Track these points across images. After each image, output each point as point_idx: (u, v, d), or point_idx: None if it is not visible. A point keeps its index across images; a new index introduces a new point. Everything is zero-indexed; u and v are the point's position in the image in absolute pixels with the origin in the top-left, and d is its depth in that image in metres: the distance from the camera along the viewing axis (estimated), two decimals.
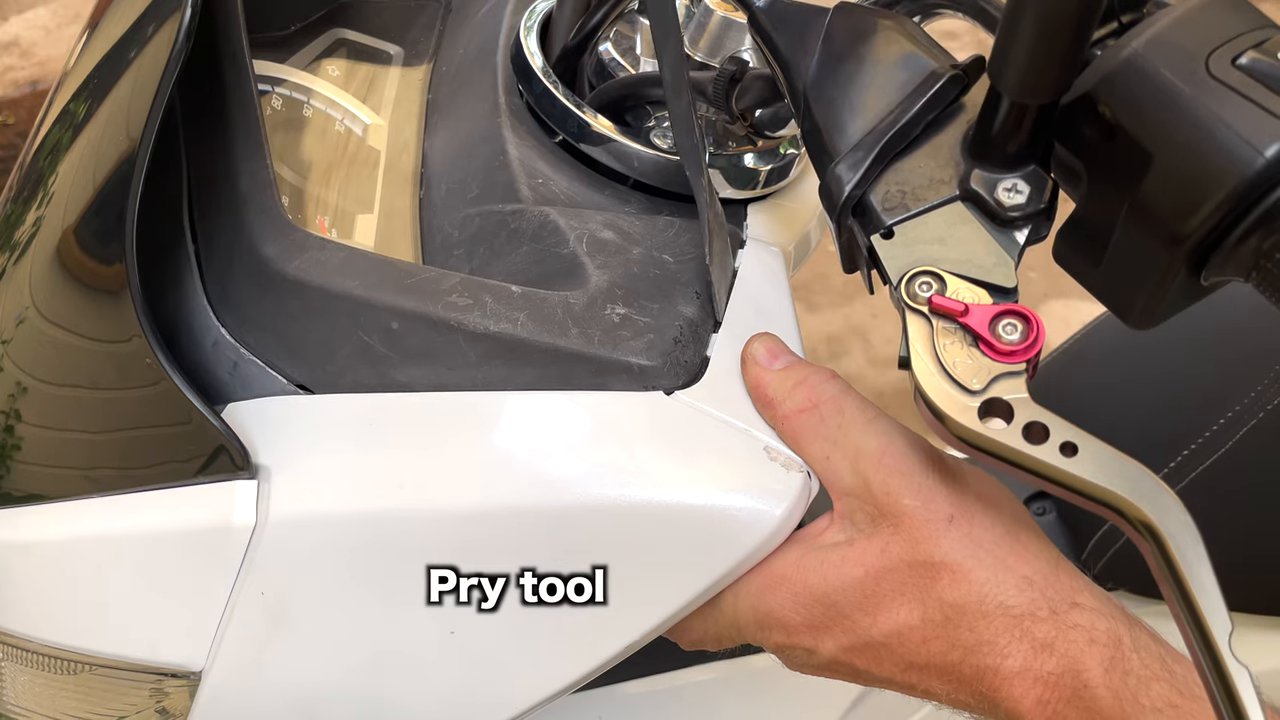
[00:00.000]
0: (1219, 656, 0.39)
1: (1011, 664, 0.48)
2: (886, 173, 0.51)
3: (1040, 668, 0.47)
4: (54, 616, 0.56)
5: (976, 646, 0.48)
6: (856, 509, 0.51)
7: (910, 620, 0.50)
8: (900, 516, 0.50)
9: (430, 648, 0.53)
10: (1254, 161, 0.41)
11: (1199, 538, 0.41)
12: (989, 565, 0.49)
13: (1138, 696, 0.46)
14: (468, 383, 0.53)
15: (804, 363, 0.55)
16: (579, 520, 0.51)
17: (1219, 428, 0.87)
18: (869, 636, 0.51)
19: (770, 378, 0.54)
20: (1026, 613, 0.48)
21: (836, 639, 0.51)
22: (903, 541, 0.50)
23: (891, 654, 0.51)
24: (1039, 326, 0.46)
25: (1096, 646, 0.47)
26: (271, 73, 0.71)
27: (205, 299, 0.57)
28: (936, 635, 0.49)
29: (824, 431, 0.52)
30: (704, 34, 0.67)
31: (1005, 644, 0.48)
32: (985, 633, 0.48)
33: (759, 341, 0.55)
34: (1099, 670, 0.47)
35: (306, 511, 0.52)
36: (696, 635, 0.56)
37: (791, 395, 0.53)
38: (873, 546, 0.50)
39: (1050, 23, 0.42)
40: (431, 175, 0.67)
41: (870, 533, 0.51)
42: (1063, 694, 0.47)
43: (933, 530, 0.50)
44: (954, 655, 0.49)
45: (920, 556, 0.49)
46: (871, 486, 0.51)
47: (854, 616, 0.51)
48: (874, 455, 0.51)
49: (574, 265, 0.56)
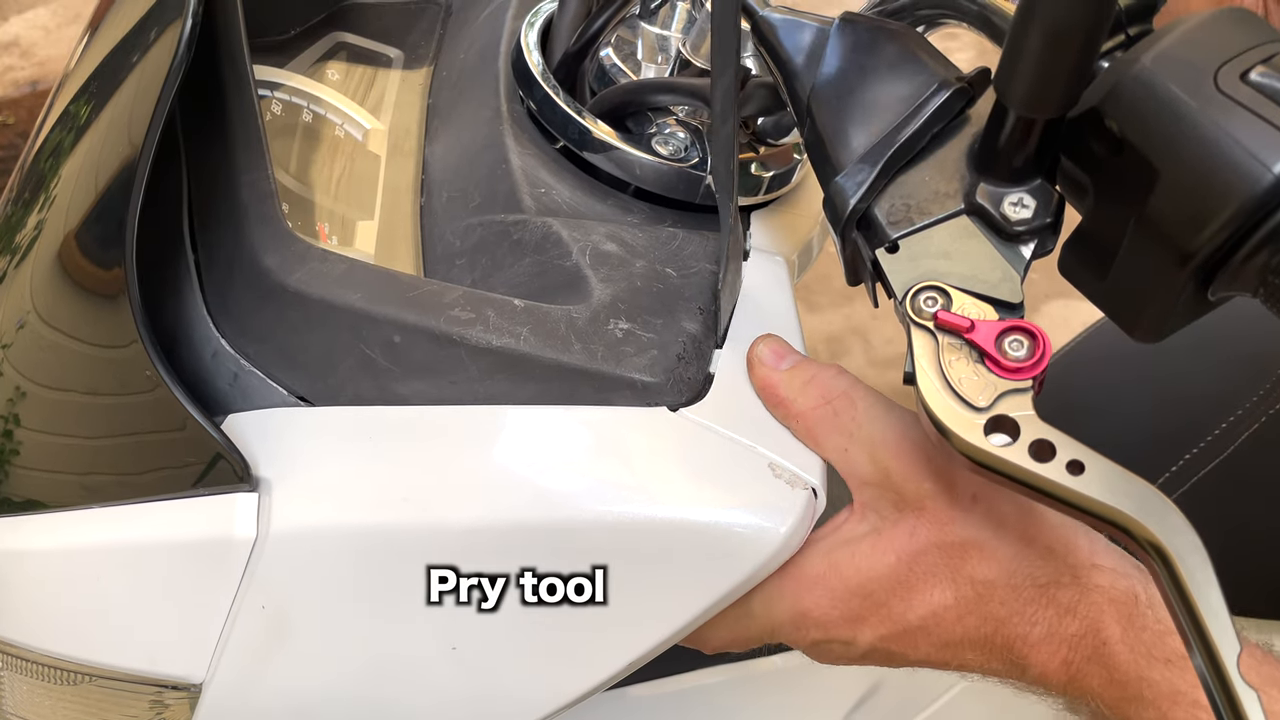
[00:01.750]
0: (1227, 679, 0.39)
1: (1039, 631, 0.50)
2: (891, 186, 0.51)
3: (1065, 631, 0.49)
4: (54, 626, 0.55)
5: (1007, 618, 0.50)
6: (879, 498, 0.52)
7: (945, 600, 0.51)
8: (924, 500, 0.51)
9: (432, 662, 0.53)
10: (1262, 178, 0.41)
11: (1207, 558, 0.41)
12: (1013, 540, 0.51)
13: (1151, 650, 0.48)
14: (470, 397, 0.53)
15: (811, 360, 0.55)
16: (581, 536, 0.51)
17: (1220, 432, 0.87)
18: (906, 621, 0.52)
19: (779, 377, 0.54)
20: (1051, 580, 0.50)
21: (874, 628, 0.52)
22: (929, 524, 0.51)
23: (928, 635, 0.52)
24: (1045, 343, 0.46)
25: (1115, 605, 0.49)
26: (271, 77, 0.70)
27: (205, 309, 0.56)
28: (970, 612, 0.51)
29: (839, 425, 0.53)
30: (706, 40, 0.67)
31: (1033, 612, 0.50)
32: (1015, 604, 0.50)
33: (764, 343, 0.56)
34: (1117, 628, 0.49)
35: (308, 524, 0.52)
36: (723, 640, 0.56)
37: (803, 393, 0.54)
38: (900, 532, 0.52)
39: (1057, 36, 0.42)
40: (432, 182, 0.67)
41: (896, 519, 0.52)
42: (1085, 653, 0.49)
43: (957, 510, 0.51)
44: (987, 629, 0.51)
45: (948, 537, 0.51)
46: (892, 475, 0.52)
47: (890, 604, 0.52)
48: (891, 444, 0.52)
49: (577, 278, 0.56)
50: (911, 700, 0.82)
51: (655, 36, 0.70)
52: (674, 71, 0.69)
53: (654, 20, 0.71)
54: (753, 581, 0.52)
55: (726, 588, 0.51)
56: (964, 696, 0.81)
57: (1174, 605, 0.41)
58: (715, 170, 0.56)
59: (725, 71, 0.53)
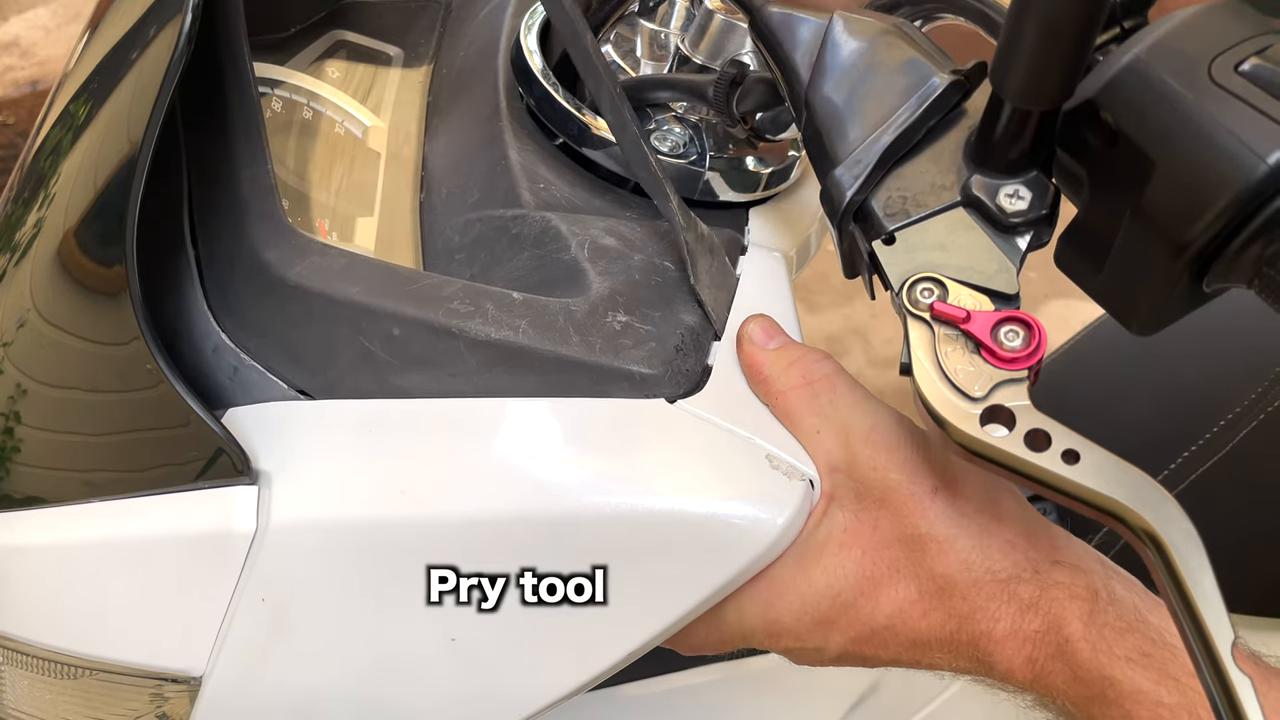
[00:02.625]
0: (1221, 666, 0.39)
1: (1001, 627, 0.50)
2: (888, 178, 0.51)
3: (1027, 627, 0.49)
4: (54, 621, 0.56)
5: (970, 614, 0.50)
6: (842, 485, 0.53)
7: (908, 596, 0.51)
8: (886, 491, 0.52)
9: (432, 654, 0.53)
10: (1257, 168, 0.41)
11: (1201, 546, 0.41)
12: (973, 533, 0.51)
13: (1113, 647, 0.48)
14: (469, 390, 0.53)
15: (798, 343, 0.56)
16: (580, 528, 0.51)
17: (1219, 429, 0.87)
18: (874, 622, 0.52)
19: (765, 356, 0.55)
20: (1012, 576, 0.50)
21: (843, 631, 0.52)
22: (890, 516, 0.51)
23: (895, 635, 0.52)
24: (1041, 333, 0.46)
25: (1076, 601, 0.49)
26: (271, 74, 0.70)
27: (205, 304, 0.56)
28: (933, 608, 0.51)
29: (815, 407, 0.53)
30: (705, 37, 0.67)
31: (995, 609, 0.50)
32: (976, 599, 0.50)
33: (755, 322, 0.56)
34: (1078, 624, 0.48)
35: (307, 517, 0.52)
36: (698, 642, 0.56)
37: (786, 373, 0.54)
38: (863, 525, 0.52)
39: (1053, 28, 0.42)
40: (432, 178, 0.67)
41: (857, 510, 0.52)
42: (1047, 650, 0.49)
43: (918, 503, 0.51)
44: (950, 626, 0.51)
45: (908, 530, 0.51)
46: (859, 461, 0.52)
47: (857, 604, 0.52)
48: (862, 431, 0.52)
49: (575, 272, 0.56)
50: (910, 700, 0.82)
51: (654, 33, 0.71)
52: (673, 68, 0.70)
53: (653, 17, 0.71)
54: (750, 573, 0.52)
55: (723, 579, 0.51)
56: (961, 696, 0.81)
57: (1168, 593, 0.41)
58: (639, 177, 0.57)
59: (600, 86, 0.55)
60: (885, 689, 0.82)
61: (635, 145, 0.56)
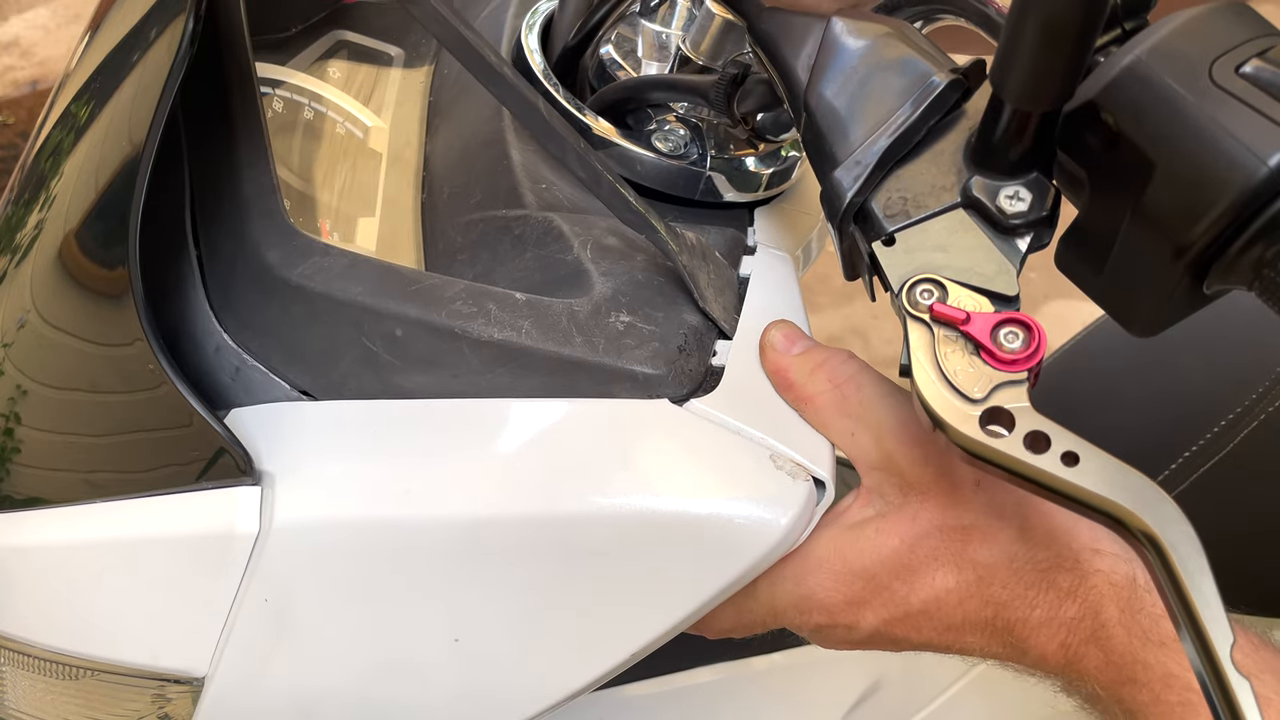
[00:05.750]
0: (1220, 669, 0.39)
1: (1039, 614, 0.50)
2: (888, 180, 0.51)
3: (1064, 614, 0.50)
4: (56, 621, 0.56)
5: (1008, 601, 0.50)
6: (884, 482, 0.53)
7: (947, 584, 0.51)
8: (928, 484, 0.52)
9: (435, 654, 0.53)
10: (1257, 170, 0.41)
11: (1201, 549, 0.41)
12: (1015, 524, 0.51)
13: (1148, 634, 0.48)
14: (472, 390, 0.53)
15: (821, 346, 0.56)
16: (583, 528, 0.51)
17: (1219, 430, 0.87)
18: (909, 605, 0.52)
19: (790, 362, 0.55)
20: (1052, 565, 0.50)
21: (877, 612, 0.53)
22: (932, 508, 0.52)
23: (930, 619, 0.52)
24: (1040, 335, 0.46)
25: (1113, 589, 0.49)
26: (272, 75, 0.70)
27: (208, 304, 0.56)
28: (972, 595, 0.51)
29: (847, 409, 0.53)
30: (706, 37, 0.67)
31: (1034, 596, 0.50)
32: (1016, 587, 0.50)
33: (776, 328, 0.56)
34: (1114, 611, 0.49)
35: (310, 518, 0.52)
36: (728, 624, 0.57)
37: (812, 378, 0.54)
38: (904, 516, 0.52)
39: (1053, 29, 0.42)
40: (434, 178, 0.67)
41: (900, 504, 0.52)
42: (1082, 635, 0.49)
43: (960, 495, 0.51)
44: (988, 612, 0.51)
45: (950, 521, 0.51)
46: (897, 459, 0.52)
47: (893, 587, 0.52)
48: (897, 429, 0.52)
49: (578, 272, 0.56)
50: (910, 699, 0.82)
51: (655, 34, 0.71)
52: (674, 68, 0.70)
53: (654, 18, 0.71)
54: (753, 574, 0.52)
55: (727, 580, 0.51)
56: (963, 695, 0.81)
57: (1167, 596, 0.41)
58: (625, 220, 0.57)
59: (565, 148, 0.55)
60: (885, 689, 0.82)
61: (614, 193, 0.56)
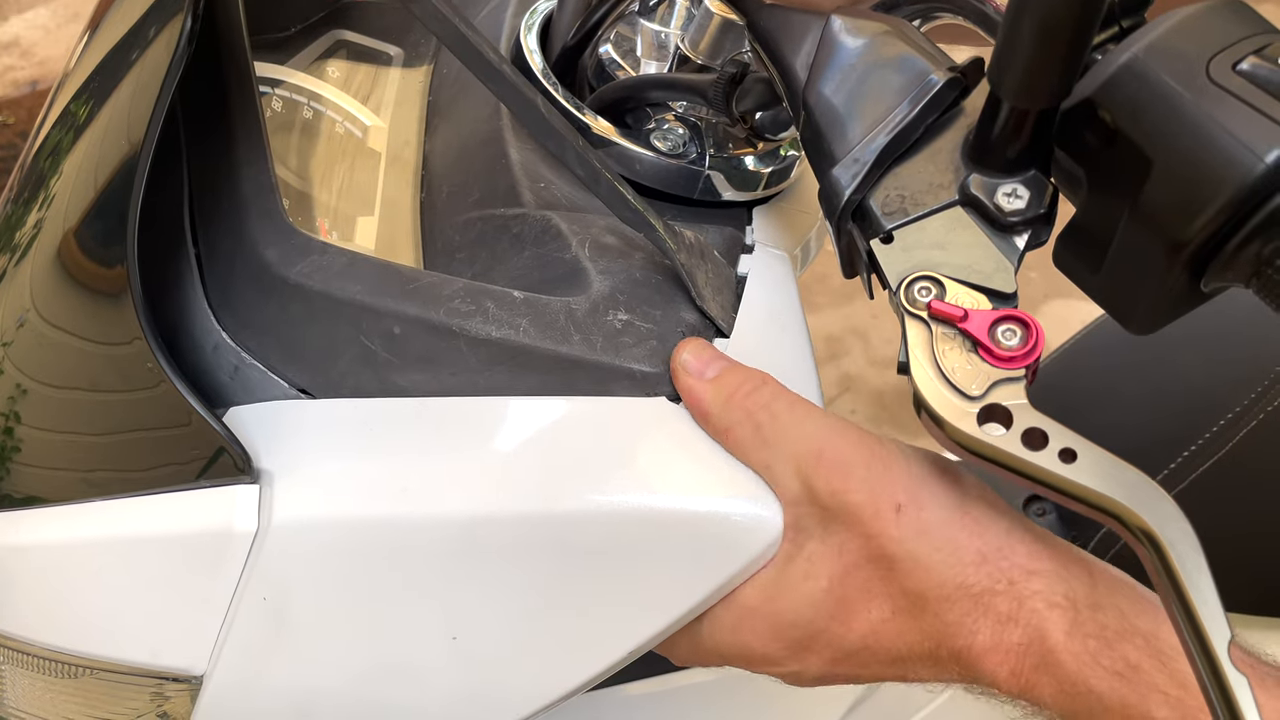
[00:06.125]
0: (1218, 665, 0.39)
1: (981, 640, 0.48)
2: (886, 177, 0.51)
3: (1007, 640, 0.47)
4: (54, 620, 0.56)
5: (946, 630, 0.48)
6: (805, 515, 0.51)
7: (882, 615, 0.50)
8: (849, 514, 0.50)
9: (432, 653, 0.53)
10: (1254, 168, 0.41)
11: (1198, 545, 0.41)
12: (942, 548, 0.49)
13: (1098, 659, 0.46)
14: (470, 388, 0.53)
15: (735, 368, 0.53)
16: (581, 526, 0.51)
17: (1219, 429, 0.87)
18: (848, 644, 0.51)
19: (702, 389, 0.53)
20: (986, 589, 0.48)
21: (819, 654, 0.52)
22: (857, 539, 0.50)
23: (873, 655, 0.51)
24: (1038, 332, 0.46)
25: (1055, 610, 0.47)
26: (271, 74, 0.71)
27: (206, 303, 0.56)
28: (908, 627, 0.49)
29: (762, 440, 0.51)
30: (704, 36, 0.67)
31: (972, 623, 0.48)
32: (951, 615, 0.48)
33: (687, 350, 0.54)
34: (1061, 635, 0.47)
35: (309, 516, 0.52)
36: (683, 653, 0.56)
37: (725, 409, 0.52)
38: (829, 551, 0.50)
39: (1051, 27, 0.42)
40: (432, 178, 0.67)
41: (823, 537, 0.50)
42: (1031, 662, 0.47)
43: (883, 523, 0.49)
44: (929, 643, 0.49)
45: (875, 551, 0.49)
46: (816, 489, 0.50)
47: (829, 629, 0.51)
48: (812, 457, 0.50)
49: (576, 270, 0.56)
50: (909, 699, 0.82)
51: (654, 33, 0.71)
52: (673, 68, 0.70)
53: (653, 17, 0.71)
54: (750, 570, 0.52)
55: (725, 576, 0.51)
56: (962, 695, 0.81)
57: (1165, 592, 0.41)
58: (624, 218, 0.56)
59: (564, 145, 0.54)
60: (885, 690, 0.82)
61: (612, 191, 0.55)
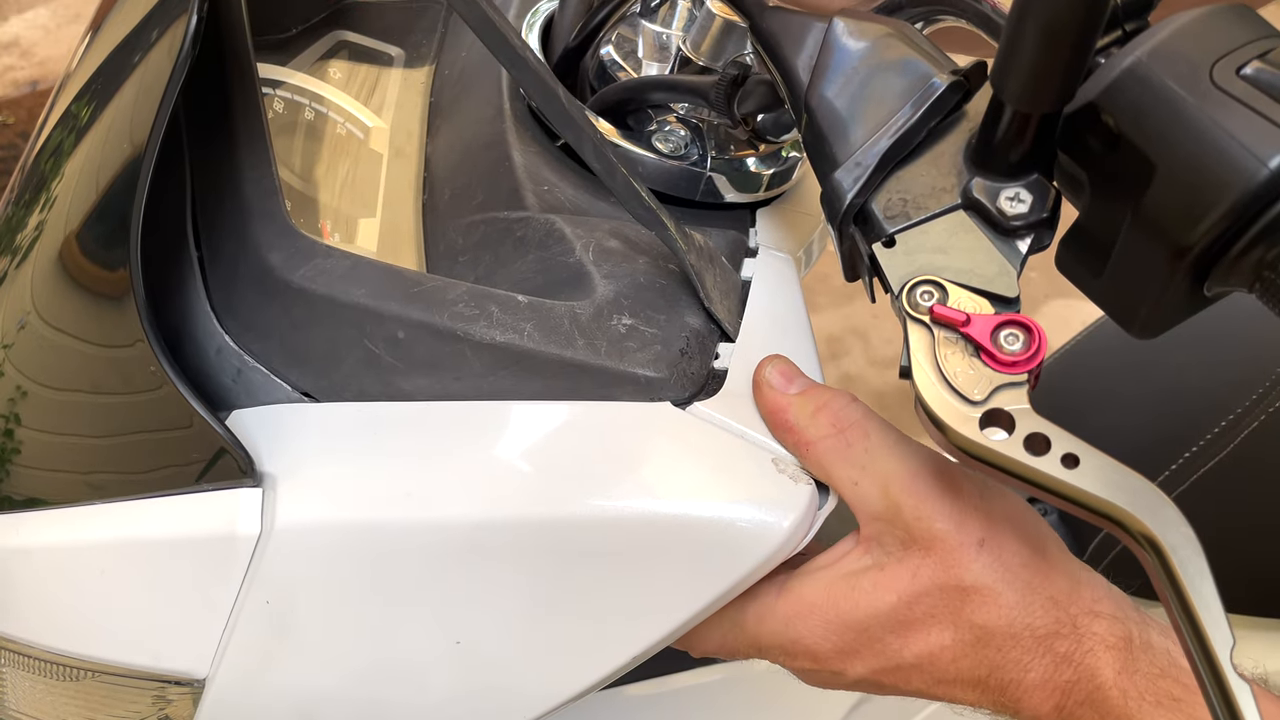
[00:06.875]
0: (1220, 671, 0.39)
1: (1033, 677, 0.49)
2: (888, 181, 0.51)
3: (1059, 678, 0.49)
4: (56, 622, 0.56)
5: (1003, 664, 0.50)
6: (885, 533, 0.51)
7: (942, 641, 0.50)
8: (932, 541, 0.50)
9: (434, 657, 0.53)
10: (1258, 173, 0.41)
11: (1201, 551, 0.41)
12: (1018, 588, 0.50)
13: (1144, 694, 0.48)
14: (474, 393, 0.53)
15: (822, 386, 0.54)
16: (585, 531, 0.51)
17: (1220, 431, 0.87)
18: (900, 659, 0.51)
19: (788, 402, 0.53)
20: (1051, 632, 0.49)
21: (867, 662, 0.52)
22: (934, 565, 0.50)
23: (921, 673, 0.51)
24: (1041, 337, 0.46)
25: (1111, 652, 0.49)
26: (273, 75, 0.70)
27: (209, 305, 0.56)
28: (966, 655, 0.50)
29: (851, 457, 0.52)
30: (706, 38, 0.67)
31: (1029, 660, 0.49)
32: (1012, 652, 0.49)
33: (772, 365, 0.54)
34: (1111, 673, 0.48)
35: (312, 520, 0.52)
36: (712, 645, 0.56)
37: (813, 421, 0.52)
38: (904, 571, 0.51)
39: (1054, 31, 0.42)
40: (435, 179, 0.67)
41: (900, 557, 0.51)
42: (1078, 698, 0.49)
43: (964, 555, 0.50)
44: (981, 671, 0.50)
45: (952, 581, 0.50)
46: (903, 511, 0.51)
47: (885, 640, 0.51)
48: (904, 479, 0.51)
49: (580, 274, 0.56)
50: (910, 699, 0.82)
51: (656, 34, 0.71)
52: (674, 69, 0.70)
53: (655, 18, 0.71)
54: (755, 576, 0.52)
55: (729, 583, 0.51)
56: None
57: (1167, 599, 0.41)
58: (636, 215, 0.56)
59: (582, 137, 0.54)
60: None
61: (626, 186, 0.55)
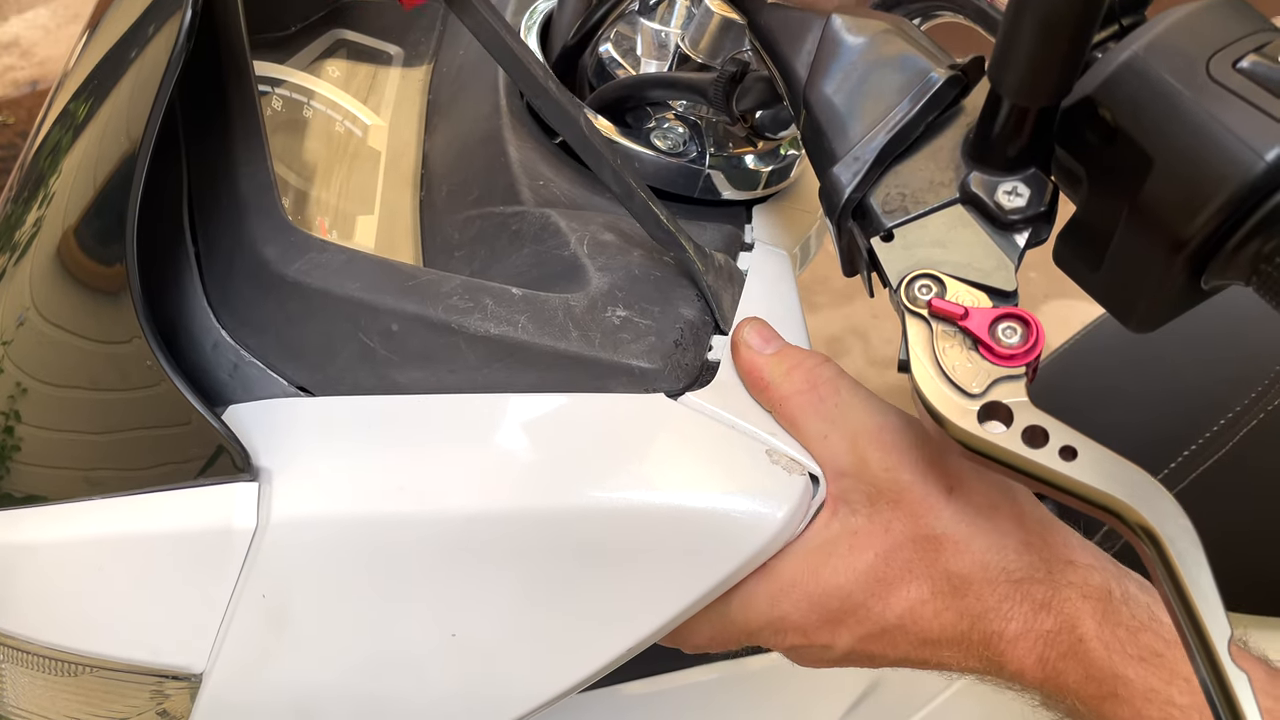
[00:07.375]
0: (1218, 662, 0.39)
1: (1014, 627, 0.49)
2: (886, 175, 0.51)
3: (1040, 627, 0.49)
4: (54, 618, 0.56)
5: (983, 614, 0.50)
6: (852, 489, 0.52)
7: (921, 595, 0.51)
8: (900, 492, 0.51)
9: (431, 650, 0.53)
10: (1254, 165, 0.41)
11: (1198, 542, 0.41)
12: (989, 533, 0.50)
13: (1126, 647, 0.48)
14: (468, 385, 0.53)
15: (797, 347, 0.55)
16: (580, 523, 0.51)
17: (1219, 429, 0.87)
18: (884, 621, 0.51)
19: (764, 360, 0.54)
20: (1026, 576, 0.50)
21: (852, 630, 0.52)
22: (904, 517, 0.51)
23: (905, 634, 0.52)
24: (1039, 330, 0.46)
25: (1089, 601, 0.49)
26: (271, 73, 0.71)
27: (205, 301, 0.57)
28: (946, 607, 0.51)
29: (822, 411, 0.53)
30: (704, 35, 0.67)
31: (1008, 609, 0.50)
32: (990, 599, 0.50)
33: (750, 327, 0.56)
34: (1092, 624, 0.48)
35: (308, 514, 0.52)
36: (702, 640, 0.56)
37: (788, 377, 0.53)
38: (876, 528, 0.51)
39: (1051, 25, 0.42)
40: (432, 176, 0.67)
41: (870, 513, 0.52)
42: (1060, 650, 0.49)
43: (933, 503, 0.51)
44: (963, 625, 0.50)
45: (923, 530, 0.51)
46: (870, 464, 0.52)
47: (868, 604, 0.51)
48: (871, 432, 0.52)
49: (575, 267, 0.56)
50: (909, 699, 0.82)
51: (654, 32, 0.71)
52: (673, 67, 0.70)
53: (653, 16, 0.71)
54: (750, 567, 0.52)
55: (723, 574, 0.51)
56: (961, 695, 0.81)
57: (1165, 589, 0.41)
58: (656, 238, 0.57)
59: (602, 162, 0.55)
60: (885, 688, 0.82)
61: (645, 209, 0.55)
